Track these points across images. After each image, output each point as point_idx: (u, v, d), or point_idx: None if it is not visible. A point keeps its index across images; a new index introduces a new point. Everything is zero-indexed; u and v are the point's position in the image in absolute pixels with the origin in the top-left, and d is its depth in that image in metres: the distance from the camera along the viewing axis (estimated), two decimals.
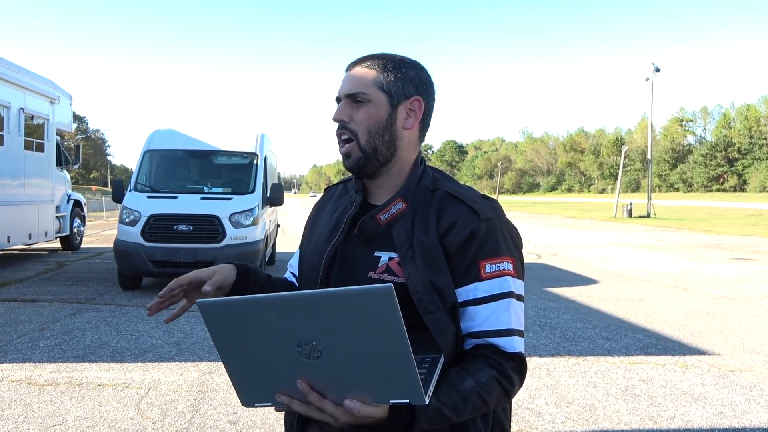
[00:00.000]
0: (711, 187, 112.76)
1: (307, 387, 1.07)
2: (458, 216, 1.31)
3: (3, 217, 10.98)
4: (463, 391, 1.20)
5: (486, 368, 1.25)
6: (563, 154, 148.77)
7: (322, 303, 0.99)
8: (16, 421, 4.10)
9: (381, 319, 0.98)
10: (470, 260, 1.29)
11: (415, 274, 1.27)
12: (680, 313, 7.94)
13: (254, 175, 10.08)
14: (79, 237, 15.33)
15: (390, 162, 1.39)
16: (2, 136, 11.01)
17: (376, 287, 0.96)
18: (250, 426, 4.05)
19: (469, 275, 1.29)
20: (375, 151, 1.36)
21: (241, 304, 1.04)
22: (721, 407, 4.52)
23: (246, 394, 1.14)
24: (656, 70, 37.88)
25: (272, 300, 1.02)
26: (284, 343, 1.04)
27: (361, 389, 1.05)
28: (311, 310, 1.00)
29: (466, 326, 1.29)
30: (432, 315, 1.25)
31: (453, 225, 1.30)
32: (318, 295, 1.00)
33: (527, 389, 4.81)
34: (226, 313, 1.06)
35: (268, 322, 1.03)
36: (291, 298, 1.01)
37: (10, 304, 7.99)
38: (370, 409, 1.05)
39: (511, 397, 1.30)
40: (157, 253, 8.78)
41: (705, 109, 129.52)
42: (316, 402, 1.07)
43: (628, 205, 37.01)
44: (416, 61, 1.43)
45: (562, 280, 10.93)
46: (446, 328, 1.26)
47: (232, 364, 1.11)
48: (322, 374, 1.05)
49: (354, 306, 0.98)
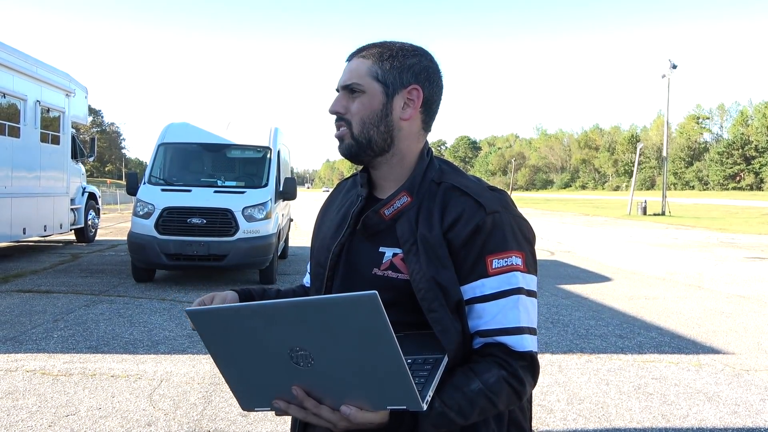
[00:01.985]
0: (727, 185, 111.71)
1: (302, 393, 1.05)
2: (463, 210, 1.26)
3: (19, 209, 11.08)
4: (469, 393, 1.15)
5: (494, 368, 1.19)
6: (577, 151, 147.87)
7: (308, 311, 0.98)
8: (30, 410, 4.14)
9: (368, 326, 0.96)
10: (476, 255, 1.23)
11: (419, 271, 1.23)
12: (694, 312, 7.88)
13: (267, 169, 10.10)
14: (93, 229, 15.45)
15: (388, 152, 1.34)
16: (19, 128, 11.11)
17: (360, 294, 0.94)
18: (261, 418, 4.06)
19: (475, 271, 1.23)
20: (369, 141, 1.32)
21: (229, 312, 1.02)
22: (735, 407, 4.47)
23: (244, 399, 1.13)
24: (673, 67, 37.49)
25: (258, 308, 1.00)
26: (275, 350, 1.02)
27: (357, 395, 1.03)
28: (298, 318, 0.98)
29: (474, 324, 1.24)
30: (435, 313, 1.21)
31: (458, 219, 1.25)
32: (302, 303, 0.98)
33: (539, 386, 4.79)
34: (214, 321, 1.04)
35: (257, 330, 1.01)
36: (276, 307, 0.99)
37: (26, 295, 8.06)
38: (367, 415, 1.04)
39: (523, 398, 1.23)
40: (171, 246, 8.83)
41: (722, 107, 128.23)
42: (313, 408, 1.05)
43: (642, 203, 36.74)
44: (419, 47, 1.38)
45: (575, 277, 10.87)
46: (450, 327, 1.21)
47: (228, 371, 1.10)
48: (316, 381, 1.04)
49: (340, 314, 0.96)
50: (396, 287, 1.26)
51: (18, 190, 11.05)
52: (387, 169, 1.37)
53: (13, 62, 10.82)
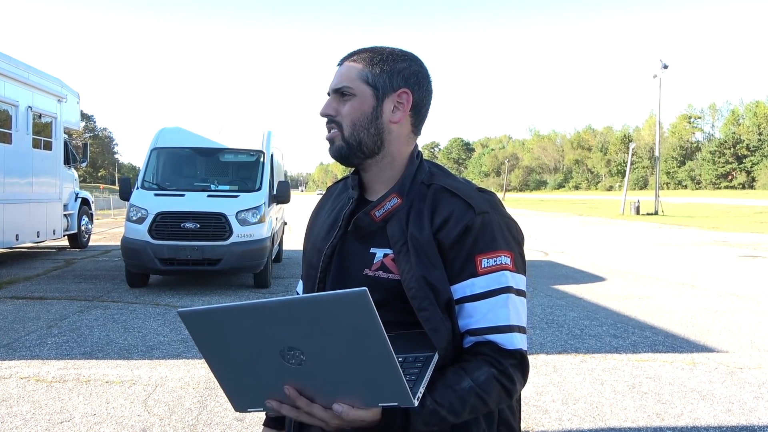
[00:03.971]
0: (719, 184, 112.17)
1: (294, 392, 1.06)
2: (452, 210, 1.28)
3: (11, 215, 11.04)
4: (460, 391, 1.17)
5: (485, 367, 1.21)
6: (571, 152, 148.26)
7: (298, 310, 0.98)
8: (24, 417, 4.13)
9: (359, 324, 0.96)
10: (466, 255, 1.25)
11: (409, 270, 1.24)
12: (688, 311, 7.91)
13: (261, 172, 10.09)
14: (86, 235, 15.39)
15: (378, 155, 1.36)
16: (10, 134, 11.07)
17: (351, 291, 0.95)
18: (257, 423, 4.05)
19: (465, 271, 1.25)
20: (359, 143, 1.34)
21: (220, 312, 1.03)
22: (729, 405, 4.49)
23: (237, 400, 1.13)
24: (664, 67, 37.66)
25: (249, 307, 1.01)
26: (267, 349, 1.03)
27: (349, 393, 1.04)
28: (288, 317, 0.99)
29: (464, 323, 1.26)
30: (426, 312, 1.22)
31: (447, 220, 1.27)
32: (293, 301, 0.99)
33: (534, 386, 4.80)
34: (206, 321, 1.05)
35: (248, 330, 1.02)
36: (267, 306, 1.00)
37: (19, 302, 8.03)
38: (359, 412, 1.04)
39: (513, 396, 1.25)
40: (164, 251, 8.81)
41: (713, 106, 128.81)
42: (305, 407, 1.06)
43: (635, 203, 36.86)
44: (408, 52, 1.40)
45: (569, 277, 10.90)
46: (440, 326, 1.22)
47: (220, 372, 1.11)
48: (308, 379, 1.04)
49: (330, 311, 0.97)
50: (387, 287, 1.28)
51: (10, 196, 11.01)
52: (377, 172, 1.38)
53: (4, 68, 10.79)
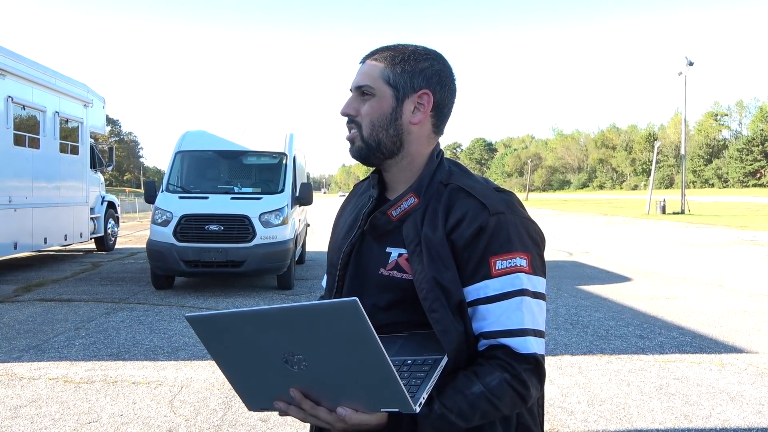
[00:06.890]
0: (747, 182, 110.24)
1: (300, 395, 1.07)
2: (467, 211, 1.26)
3: (39, 219, 11.22)
4: (470, 395, 1.15)
5: (497, 371, 1.18)
6: (594, 151, 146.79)
7: (294, 317, 1.00)
8: (53, 417, 4.19)
9: (352, 333, 0.97)
10: (479, 257, 1.22)
11: (421, 271, 1.23)
12: (716, 311, 7.79)
13: (283, 174, 10.15)
14: (113, 238, 15.60)
15: (398, 155, 1.35)
16: (38, 139, 11.25)
17: (342, 301, 0.96)
18: (281, 424, 4.07)
19: (478, 272, 1.22)
20: (378, 144, 1.33)
21: (225, 318, 1.05)
22: (759, 406, 4.41)
23: (249, 400, 1.16)
24: (689, 64, 37.18)
25: (249, 314, 1.03)
26: (270, 354, 1.05)
27: (352, 397, 1.05)
28: (286, 324, 1.01)
29: (478, 326, 1.23)
30: (436, 313, 1.20)
31: (461, 220, 1.25)
32: (289, 309, 1.00)
33: (559, 387, 4.76)
34: (212, 326, 1.08)
35: (251, 335, 1.05)
36: (266, 313, 1.02)
37: (47, 304, 8.16)
38: (363, 416, 1.05)
39: (528, 401, 1.21)
40: (189, 253, 8.90)
41: (740, 103, 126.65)
42: (310, 409, 1.08)
43: (661, 202, 36.41)
44: (432, 50, 1.37)
45: (594, 277, 10.79)
46: (451, 328, 1.20)
47: (230, 373, 1.14)
48: (312, 383, 1.06)
49: (324, 320, 0.98)
50: (401, 287, 1.27)
51: (39, 201, 11.20)
52: (397, 171, 1.38)
53: (32, 75, 10.98)
